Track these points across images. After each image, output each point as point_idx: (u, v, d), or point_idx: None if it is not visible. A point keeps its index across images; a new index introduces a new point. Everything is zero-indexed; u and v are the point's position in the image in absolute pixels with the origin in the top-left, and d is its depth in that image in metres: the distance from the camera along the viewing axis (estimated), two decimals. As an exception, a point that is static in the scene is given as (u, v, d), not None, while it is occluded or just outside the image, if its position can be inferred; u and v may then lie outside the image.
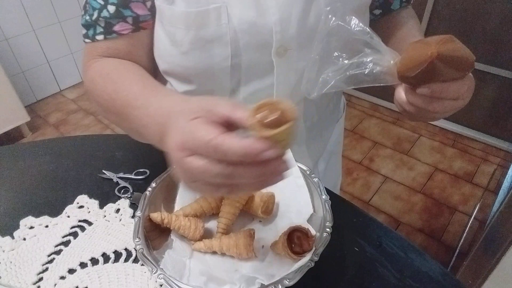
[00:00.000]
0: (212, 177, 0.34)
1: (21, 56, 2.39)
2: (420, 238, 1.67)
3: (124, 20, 0.53)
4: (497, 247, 0.93)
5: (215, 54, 0.53)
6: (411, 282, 0.50)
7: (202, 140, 0.33)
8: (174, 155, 0.36)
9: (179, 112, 0.38)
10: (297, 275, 0.44)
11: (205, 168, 0.34)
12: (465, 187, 1.88)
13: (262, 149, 0.32)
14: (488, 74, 1.94)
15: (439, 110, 0.47)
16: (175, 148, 0.35)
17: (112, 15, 0.52)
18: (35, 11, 2.36)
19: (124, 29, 0.54)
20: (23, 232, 0.57)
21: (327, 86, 0.48)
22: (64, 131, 2.33)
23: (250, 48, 0.53)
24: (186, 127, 0.35)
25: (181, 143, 0.35)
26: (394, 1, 0.67)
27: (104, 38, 0.54)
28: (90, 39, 0.55)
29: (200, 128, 0.34)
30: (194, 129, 0.34)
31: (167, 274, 0.44)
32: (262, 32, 0.51)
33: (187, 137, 0.35)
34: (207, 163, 0.33)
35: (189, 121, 0.35)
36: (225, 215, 0.53)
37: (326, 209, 0.53)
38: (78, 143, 0.76)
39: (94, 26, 0.54)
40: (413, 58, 0.44)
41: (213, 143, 0.32)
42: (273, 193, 0.56)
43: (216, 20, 0.50)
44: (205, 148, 0.33)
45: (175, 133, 0.37)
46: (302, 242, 0.48)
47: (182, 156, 0.35)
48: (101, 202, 0.62)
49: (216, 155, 0.33)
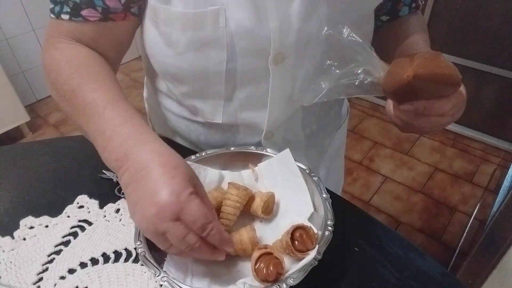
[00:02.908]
0: (185, 244, 0.41)
1: (21, 56, 2.39)
2: (420, 238, 1.67)
3: (93, 8, 0.52)
4: (497, 247, 0.93)
5: (210, 57, 0.52)
6: (411, 282, 0.50)
7: (201, 217, 0.41)
8: (157, 213, 0.40)
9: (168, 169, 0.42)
10: (301, 274, 0.44)
11: (185, 237, 0.40)
12: (465, 187, 1.88)
13: (226, 246, 0.45)
14: (488, 74, 1.95)
15: (425, 126, 0.47)
16: (153, 213, 0.40)
17: (82, 0, 0.51)
18: (35, 11, 2.36)
19: (91, 15, 0.52)
20: (23, 232, 0.57)
21: (319, 95, 0.48)
22: (64, 131, 2.33)
23: (247, 53, 0.52)
24: (183, 198, 0.40)
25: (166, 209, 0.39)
26: (403, 8, 0.65)
27: (69, 19, 0.52)
28: (55, 16, 0.53)
29: (196, 207, 0.41)
30: (198, 204, 0.41)
31: (170, 277, 0.44)
32: (259, 38, 0.50)
33: (182, 207, 0.40)
34: (189, 233, 0.40)
35: (188, 195, 0.41)
36: (225, 216, 0.53)
37: (327, 207, 0.53)
38: (78, 143, 0.76)
39: (62, 4, 0.52)
40: (393, 76, 0.44)
41: (208, 223, 0.41)
42: (273, 193, 0.56)
43: (214, 22, 0.49)
44: (199, 223, 0.40)
45: (155, 196, 0.40)
46: (305, 241, 0.48)
47: (168, 217, 0.39)
48: (101, 202, 0.62)
49: (201, 231, 0.41)
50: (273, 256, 0.46)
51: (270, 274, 0.45)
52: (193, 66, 0.54)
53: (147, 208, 0.40)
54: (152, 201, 0.40)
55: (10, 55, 2.33)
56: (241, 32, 0.50)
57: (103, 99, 0.48)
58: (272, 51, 0.51)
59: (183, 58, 0.53)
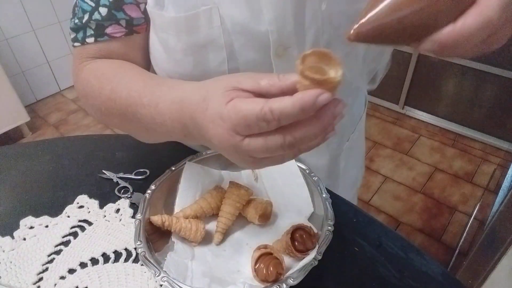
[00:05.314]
0: (275, 151, 0.33)
1: (21, 56, 2.39)
2: (420, 238, 1.67)
3: (117, 23, 0.51)
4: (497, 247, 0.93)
5: (210, 59, 0.51)
6: (411, 282, 0.50)
7: (252, 115, 0.31)
8: (226, 146, 0.34)
9: (204, 102, 0.36)
10: (301, 274, 0.44)
11: (266, 146, 0.32)
12: (465, 187, 1.88)
13: (316, 94, 0.30)
14: (488, 74, 1.94)
15: (460, 52, 0.31)
16: (226, 138, 0.34)
17: (104, 18, 0.50)
18: (35, 11, 2.36)
19: (116, 32, 0.52)
20: (23, 232, 0.57)
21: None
22: (64, 131, 2.33)
23: (246, 50, 0.51)
24: (226, 112, 0.33)
25: (230, 129, 0.33)
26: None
27: (94, 41, 0.52)
28: (80, 42, 0.52)
29: (242, 106, 0.32)
30: (237, 110, 0.32)
31: (170, 277, 0.44)
32: (257, 32, 0.49)
33: (233, 120, 0.33)
34: (265, 139, 0.32)
35: (225, 105, 0.33)
36: (225, 215, 0.53)
37: (327, 207, 0.53)
38: (78, 143, 0.76)
39: (84, 29, 0.52)
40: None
41: (263, 112, 0.31)
42: (270, 202, 0.56)
43: (208, 23, 0.48)
44: (256, 122, 0.31)
45: (215, 124, 0.34)
46: (305, 241, 0.48)
47: (237, 142, 0.33)
48: (101, 202, 0.62)
49: (271, 126, 0.31)
50: (273, 256, 0.46)
51: (270, 274, 0.45)
52: (195, 71, 0.53)
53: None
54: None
55: (10, 55, 2.33)
56: (238, 29, 0.48)
57: (137, 89, 0.47)
58: (272, 44, 0.50)
59: (183, 64, 0.52)
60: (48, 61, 2.54)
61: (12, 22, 2.27)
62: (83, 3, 0.50)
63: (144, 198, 0.55)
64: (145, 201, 0.54)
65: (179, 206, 0.56)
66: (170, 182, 0.59)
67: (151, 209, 0.54)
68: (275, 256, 0.46)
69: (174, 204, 0.57)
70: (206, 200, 0.55)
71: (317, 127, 0.32)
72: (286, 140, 0.32)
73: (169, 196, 0.58)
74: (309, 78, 0.30)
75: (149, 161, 0.69)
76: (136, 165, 0.68)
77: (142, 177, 0.66)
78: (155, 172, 0.60)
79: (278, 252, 0.47)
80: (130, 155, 0.72)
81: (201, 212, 0.54)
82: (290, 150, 0.33)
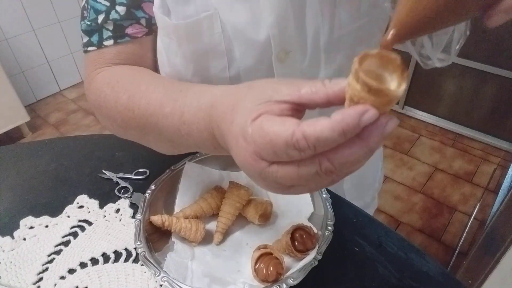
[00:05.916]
0: (309, 180, 0.27)
1: (21, 56, 2.39)
2: (420, 238, 1.67)
3: (137, 22, 0.48)
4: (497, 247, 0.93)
5: (211, 67, 0.50)
6: (411, 282, 0.50)
7: (280, 142, 0.26)
8: (249, 169, 0.30)
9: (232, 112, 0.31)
10: (301, 274, 0.44)
11: (298, 174, 0.27)
12: (465, 187, 1.88)
13: (360, 113, 0.23)
14: (488, 74, 1.94)
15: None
16: (249, 162, 0.29)
17: (123, 17, 0.47)
18: (35, 11, 2.36)
19: (138, 32, 0.49)
20: (23, 232, 0.57)
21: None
22: (64, 131, 2.33)
23: (247, 56, 0.50)
24: (250, 133, 0.28)
25: (254, 154, 0.28)
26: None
27: (114, 43, 0.48)
28: (96, 46, 0.49)
29: (269, 128, 0.27)
30: (264, 132, 0.27)
31: (170, 277, 0.44)
32: (258, 37, 0.48)
33: (258, 145, 0.27)
34: (297, 168, 0.27)
35: (250, 123, 0.28)
36: (225, 215, 0.53)
37: (327, 207, 0.53)
38: (78, 143, 0.76)
39: (100, 31, 0.48)
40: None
41: (294, 140, 0.25)
42: (270, 202, 0.56)
43: (209, 29, 0.46)
44: (285, 151, 0.26)
45: (238, 144, 0.30)
46: (305, 241, 0.48)
47: (262, 168, 0.28)
48: (101, 202, 0.62)
49: (305, 154, 0.26)
50: (273, 256, 0.46)
51: (270, 274, 0.45)
52: (195, 78, 0.52)
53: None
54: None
55: (10, 55, 2.33)
56: (239, 35, 0.47)
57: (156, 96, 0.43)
58: (274, 49, 0.49)
59: (184, 71, 0.52)
60: (48, 61, 2.54)
61: (12, 22, 2.27)
62: (96, 3, 0.47)
63: (144, 198, 0.55)
64: (145, 201, 0.54)
65: (179, 206, 0.56)
66: (170, 182, 0.59)
67: (151, 209, 0.54)
68: (275, 256, 0.46)
69: (174, 204, 0.57)
70: (206, 200, 0.55)
71: (361, 150, 0.25)
72: (323, 167, 0.26)
73: (169, 196, 0.58)
74: (363, 83, 0.24)
75: (149, 161, 0.69)
76: (136, 165, 0.68)
77: (142, 177, 0.66)
78: (155, 172, 0.60)
79: (278, 252, 0.47)
80: (130, 155, 0.72)
81: (201, 212, 0.54)
82: (327, 177, 0.27)
